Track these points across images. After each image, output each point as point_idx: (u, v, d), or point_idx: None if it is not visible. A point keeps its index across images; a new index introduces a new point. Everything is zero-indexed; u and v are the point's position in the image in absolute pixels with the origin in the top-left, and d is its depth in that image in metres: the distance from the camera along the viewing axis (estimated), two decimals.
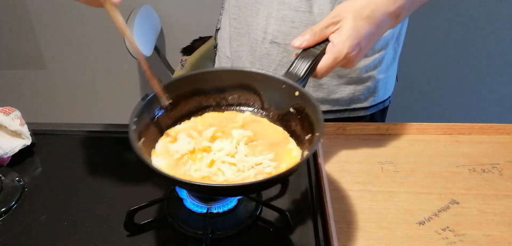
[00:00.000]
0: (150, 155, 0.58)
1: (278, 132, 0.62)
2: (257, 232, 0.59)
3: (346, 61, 0.63)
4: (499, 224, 0.60)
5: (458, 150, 0.76)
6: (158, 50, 1.84)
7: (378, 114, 0.94)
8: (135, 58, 1.67)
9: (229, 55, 0.94)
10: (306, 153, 0.56)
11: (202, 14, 1.78)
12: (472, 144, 0.78)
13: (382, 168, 0.71)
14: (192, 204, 0.61)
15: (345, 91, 0.87)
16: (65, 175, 0.71)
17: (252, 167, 0.56)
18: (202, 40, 1.69)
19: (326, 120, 0.90)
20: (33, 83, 2.09)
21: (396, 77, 0.99)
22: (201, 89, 0.65)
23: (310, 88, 0.86)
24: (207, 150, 0.58)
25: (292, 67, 0.63)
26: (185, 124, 0.64)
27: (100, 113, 2.15)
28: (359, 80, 0.86)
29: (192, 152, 0.58)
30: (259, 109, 0.66)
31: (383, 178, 0.69)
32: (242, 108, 0.66)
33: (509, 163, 0.72)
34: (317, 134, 0.55)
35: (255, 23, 0.83)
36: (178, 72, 1.71)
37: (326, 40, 0.64)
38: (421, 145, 0.77)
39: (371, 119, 0.93)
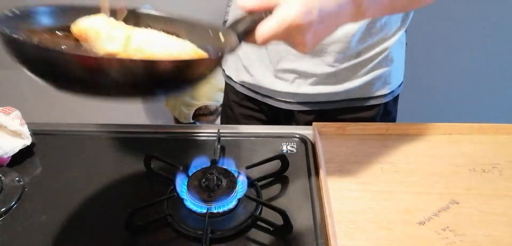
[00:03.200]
0: None
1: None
2: (257, 232, 0.59)
3: (294, 32, 0.52)
4: (499, 224, 0.60)
5: (458, 150, 0.76)
6: None
7: (391, 103, 0.94)
8: None
9: (241, 53, 0.93)
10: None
11: (203, 14, 1.78)
12: (472, 144, 0.78)
13: (382, 168, 0.71)
14: (192, 204, 0.62)
15: (360, 81, 0.86)
16: (65, 175, 0.71)
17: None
18: None
19: (338, 118, 0.90)
20: (33, 83, 2.08)
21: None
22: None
23: (323, 80, 0.85)
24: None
25: (227, 24, 0.53)
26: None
27: (100, 113, 2.15)
28: (374, 68, 0.86)
29: None
30: None
31: (383, 178, 0.69)
32: None
33: (509, 163, 0.72)
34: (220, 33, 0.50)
35: None
36: None
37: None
38: (421, 145, 0.77)
39: (385, 108, 0.92)
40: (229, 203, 0.62)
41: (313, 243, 0.57)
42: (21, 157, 0.73)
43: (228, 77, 0.99)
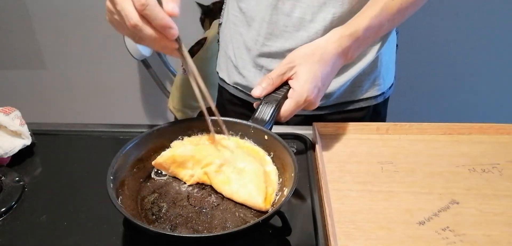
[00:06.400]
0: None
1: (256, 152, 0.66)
2: (256, 233, 0.59)
3: (307, 104, 0.68)
4: (499, 224, 0.60)
5: (458, 150, 0.76)
6: None
7: (381, 105, 0.94)
8: (135, 59, 1.67)
9: (231, 54, 0.94)
10: (286, 191, 0.58)
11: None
12: (472, 144, 0.78)
13: (382, 168, 0.71)
14: None
15: (348, 82, 0.86)
16: (65, 175, 0.71)
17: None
18: (199, 44, 1.69)
19: (327, 118, 0.90)
20: (33, 83, 2.09)
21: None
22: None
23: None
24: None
25: (257, 113, 0.67)
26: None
27: (100, 113, 2.15)
28: (363, 70, 0.86)
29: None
30: None
31: (383, 178, 0.69)
32: None
33: (509, 163, 0.72)
34: (292, 174, 0.57)
35: (259, 15, 0.83)
36: (180, 77, 1.70)
37: (285, 85, 0.69)
38: (421, 145, 0.77)
39: (374, 110, 0.92)
40: None
41: (313, 243, 0.57)
42: (21, 157, 0.73)
43: (221, 79, 1.00)
